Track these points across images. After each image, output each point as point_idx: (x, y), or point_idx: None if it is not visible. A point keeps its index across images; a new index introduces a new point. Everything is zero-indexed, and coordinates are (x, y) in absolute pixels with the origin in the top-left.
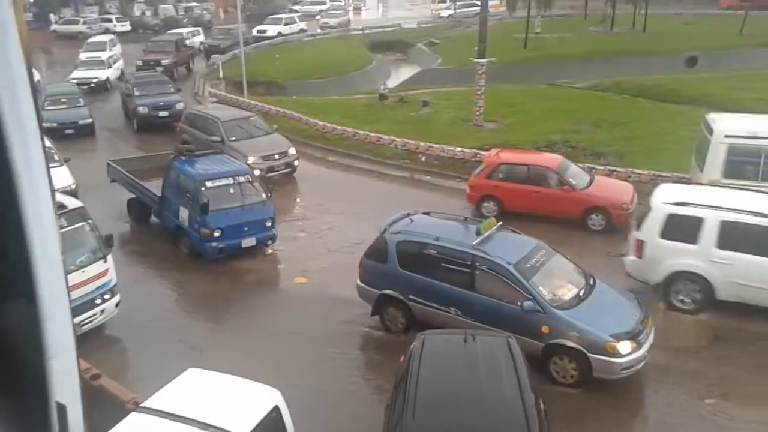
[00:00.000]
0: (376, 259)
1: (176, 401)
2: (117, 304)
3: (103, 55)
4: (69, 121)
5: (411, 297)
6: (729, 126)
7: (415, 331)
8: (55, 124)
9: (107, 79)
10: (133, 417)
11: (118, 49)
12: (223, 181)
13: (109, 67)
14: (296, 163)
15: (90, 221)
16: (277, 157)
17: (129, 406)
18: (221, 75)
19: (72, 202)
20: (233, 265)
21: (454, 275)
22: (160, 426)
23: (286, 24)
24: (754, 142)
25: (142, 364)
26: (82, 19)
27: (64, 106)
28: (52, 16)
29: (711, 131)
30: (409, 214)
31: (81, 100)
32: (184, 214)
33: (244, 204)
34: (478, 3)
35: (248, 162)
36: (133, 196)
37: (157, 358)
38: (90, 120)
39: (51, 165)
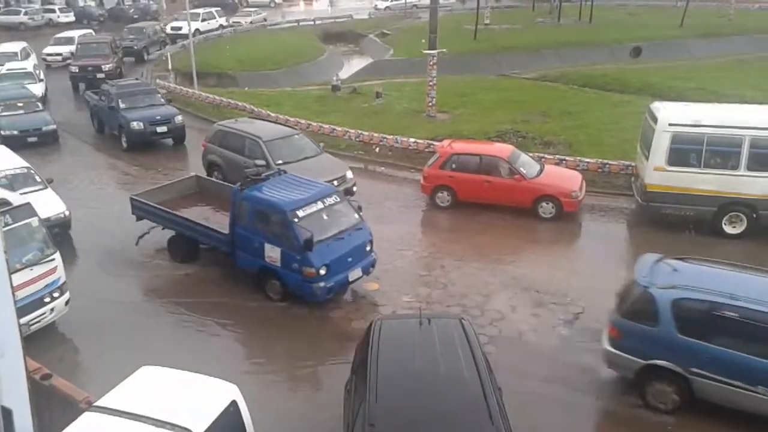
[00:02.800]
0: (639, 321)
1: (131, 399)
2: (67, 302)
3: (28, 65)
4: (32, 128)
5: (694, 370)
6: (673, 114)
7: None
8: (15, 132)
9: (43, 95)
10: (87, 417)
11: (33, 60)
12: (314, 207)
13: (41, 80)
14: (355, 188)
15: (37, 218)
16: (335, 183)
17: (82, 405)
18: (170, 66)
19: (17, 199)
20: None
21: (763, 345)
22: (114, 425)
23: (204, 20)
24: (697, 130)
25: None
26: (23, 10)
27: (21, 112)
28: None
29: (655, 120)
30: (662, 259)
31: (39, 104)
32: (273, 252)
33: (342, 230)
34: None
35: None
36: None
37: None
38: (54, 126)
39: (33, 188)
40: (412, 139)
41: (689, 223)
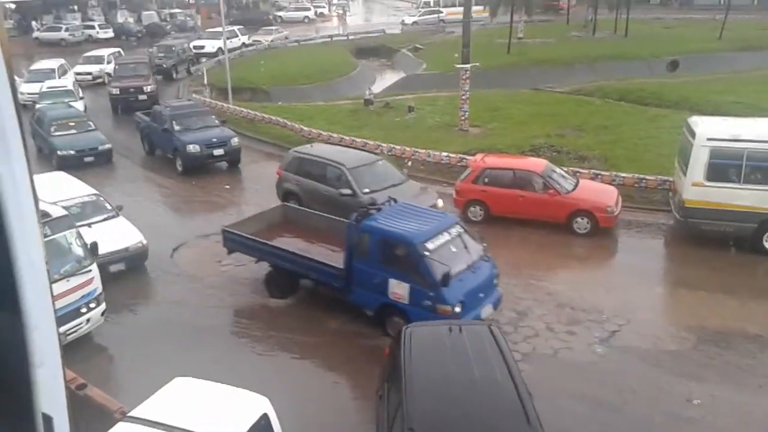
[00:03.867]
0: None
1: (164, 410)
2: (103, 313)
3: (67, 83)
4: (88, 148)
5: None
6: (711, 129)
7: None
8: (72, 152)
9: (84, 113)
10: (121, 427)
11: (71, 77)
12: (441, 239)
13: (81, 97)
14: None
15: (74, 229)
16: None
17: (116, 415)
18: (205, 81)
19: (56, 211)
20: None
21: None
22: None
23: (226, 38)
24: (736, 144)
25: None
26: (64, 26)
27: (74, 131)
28: (34, 24)
29: (693, 134)
30: None
31: (90, 123)
32: (400, 289)
33: (471, 264)
34: (440, 10)
35: None
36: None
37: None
38: (109, 145)
39: (104, 216)
40: (444, 154)
41: (729, 240)
